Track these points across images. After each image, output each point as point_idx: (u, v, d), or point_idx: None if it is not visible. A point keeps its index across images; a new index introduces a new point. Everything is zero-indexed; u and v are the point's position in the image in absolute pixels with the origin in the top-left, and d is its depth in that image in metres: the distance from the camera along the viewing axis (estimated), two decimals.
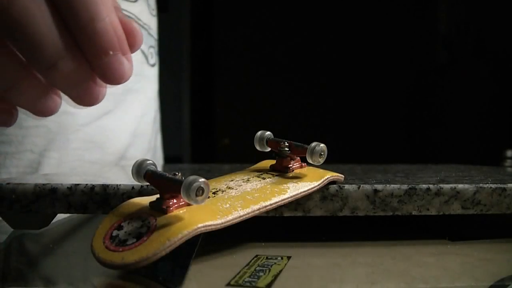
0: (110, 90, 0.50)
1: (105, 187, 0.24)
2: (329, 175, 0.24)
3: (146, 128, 0.59)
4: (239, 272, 0.19)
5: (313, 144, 0.24)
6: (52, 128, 0.48)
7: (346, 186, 0.24)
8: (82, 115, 0.50)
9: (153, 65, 0.60)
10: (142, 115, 0.58)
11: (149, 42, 0.58)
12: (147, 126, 0.60)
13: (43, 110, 0.25)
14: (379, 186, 0.24)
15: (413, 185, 0.24)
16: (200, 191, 0.18)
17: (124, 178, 0.32)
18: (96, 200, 0.24)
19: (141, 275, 0.19)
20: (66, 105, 0.30)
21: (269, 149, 0.26)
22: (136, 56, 0.54)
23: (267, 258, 0.22)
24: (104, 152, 0.52)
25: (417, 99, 2.77)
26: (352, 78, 2.98)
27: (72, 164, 0.49)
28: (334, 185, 0.24)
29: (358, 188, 0.24)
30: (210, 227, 0.19)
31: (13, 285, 0.19)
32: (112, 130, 0.53)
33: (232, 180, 0.24)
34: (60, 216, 0.30)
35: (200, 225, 0.18)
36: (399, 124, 2.96)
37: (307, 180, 0.24)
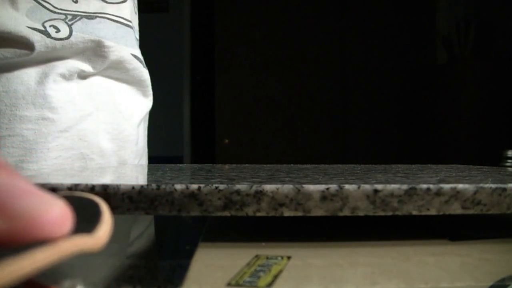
0: (90, 90, 0.45)
1: (105, 187, 0.24)
2: None
3: (130, 131, 0.55)
4: (239, 272, 0.19)
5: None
6: (28, 136, 0.43)
7: (346, 186, 0.24)
8: (63, 120, 0.46)
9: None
10: (127, 116, 0.55)
11: (135, 44, 0.56)
12: (131, 128, 0.56)
13: None
14: (379, 186, 0.24)
15: (413, 185, 0.24)
16: None
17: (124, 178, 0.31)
18: None
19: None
20: (44, 110, 0.26)
21: None
22: (122, 53, 0.52)
23: (267, 258, 0.22)
24: (87, 159, 0.49)
25: (416, 99, 2.77)
26: (353, 78, 2.98)
27: None
28: (334, 185, 0.24)
29: (358, 188, 0.24)
30: None
31: None
32: (94, 132, 0.50)
33: None
34: None
35: None
36: (399, 124, 2.96)
37: None
